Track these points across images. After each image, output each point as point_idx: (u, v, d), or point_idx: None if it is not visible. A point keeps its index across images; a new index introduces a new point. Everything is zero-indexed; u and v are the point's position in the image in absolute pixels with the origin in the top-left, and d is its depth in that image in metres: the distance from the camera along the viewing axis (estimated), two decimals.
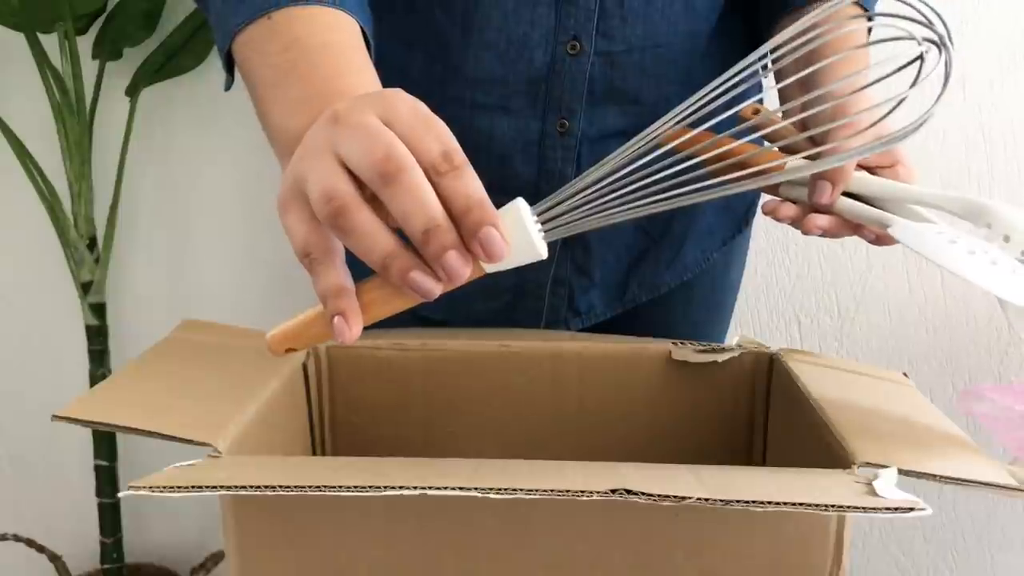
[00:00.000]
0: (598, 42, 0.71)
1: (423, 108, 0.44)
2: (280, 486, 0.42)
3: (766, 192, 0.72)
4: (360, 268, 0.45)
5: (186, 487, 0.43)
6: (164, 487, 0.43)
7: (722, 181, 0.46)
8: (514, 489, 0.42)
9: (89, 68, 1.16)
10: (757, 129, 0.68)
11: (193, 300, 1.32)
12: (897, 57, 0.47)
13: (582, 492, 0.42)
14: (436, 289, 0.43)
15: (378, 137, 0.42)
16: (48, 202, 1.16)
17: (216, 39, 0.60)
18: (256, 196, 1.28)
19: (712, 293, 0.92)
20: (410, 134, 0.42)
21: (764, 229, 1.27)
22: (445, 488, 0.42)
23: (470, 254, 0.42)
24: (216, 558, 1.32)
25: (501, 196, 0.47)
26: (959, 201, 0.59)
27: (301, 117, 0.48)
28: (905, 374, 0.70)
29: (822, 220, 0.63)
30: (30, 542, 1.27)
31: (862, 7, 0.72)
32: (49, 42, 1.14)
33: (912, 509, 0.41)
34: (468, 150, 0.44)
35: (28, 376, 1.35)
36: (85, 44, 1.16)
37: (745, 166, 0.63)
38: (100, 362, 1.23)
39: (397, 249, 0.42)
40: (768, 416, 0.71)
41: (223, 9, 0.58)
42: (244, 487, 0.43)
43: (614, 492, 0.42)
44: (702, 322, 0.92)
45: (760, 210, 0.94)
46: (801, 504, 0.41)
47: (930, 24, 0.45)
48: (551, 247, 0.83)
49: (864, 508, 0.41)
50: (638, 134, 0.76)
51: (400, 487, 0.42)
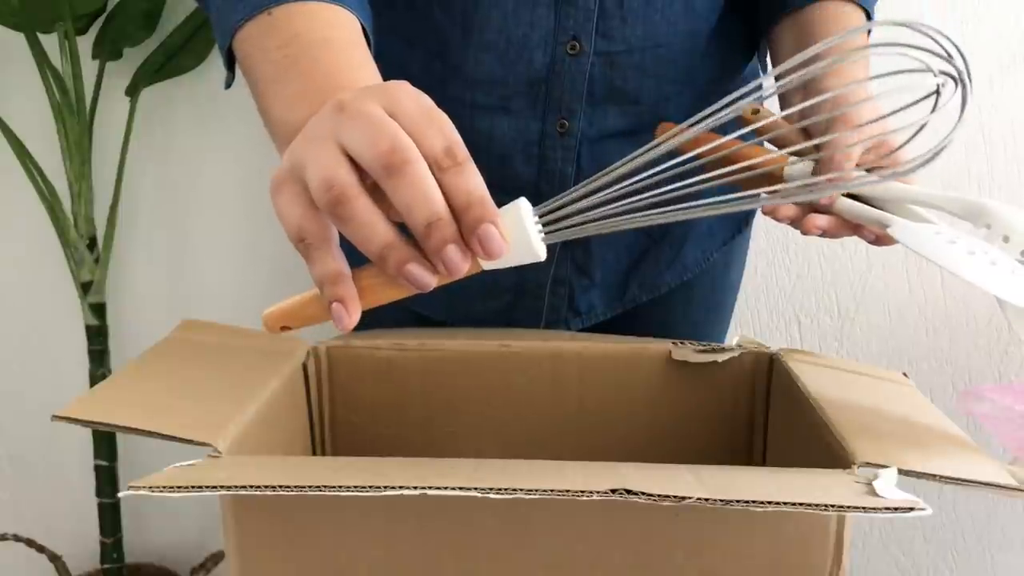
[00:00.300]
0: (598, 42, 0.71)
1: (427, 101, 0.44)
2: (280, 486, 0.42)
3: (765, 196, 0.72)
4: (352, 255, 0.45)
5: (186, 487, 0.43)
6: (164, 487, 0.43)
7: (726, 200, 0.46)
8: (514, 489, 0.42)
9: (89, 68, 1.16)
10: (757, 129, 0.68)
11: (193, 300, 1.32)
12: (912, 86, 0.46)
13: (582, 492, 0.42)
14: (432, 282, 0.43)
15: (383, 128, 0.42)
16: (48, 202, 1.16)
17: (216, 36, 0.60)
18: (256, 196, 1.28)
19: (712, 293, 0.92)
20: (414, 127, 0.42)
21: (764, 229, 1.27)
22: (445, 488, 0.42)
23: (469, 250, 0.42)
24: (216, 558, 1.32)
25: (501, 196, 0.47)
26: (958, 201, 0.59)
27: (302, 111, 0.48)
28: (905, 374, 0.70)
29: (821, 220, 0.63)
30: (30, 542, 1.27)
31: (861, 7, 0.72)
32: (49, 42, 1.14)
33: (912, 509, 0.41)
34: (468, 150, 0.44)
35: (28, 376, 1.35)
36: (85, 44, 1.16)
37: (746, 168, 0.64)
38: (100, 362, 1.23)
39: (395, 240, 0.42)
40: (768, 416, 0.71)
41: (223, 6, 0.58)
42: (244, 487, 0.43)
43: (614, 492, 0.42)
44: (702, 322, 0.92)
45: (760, 210, 0.94)
46: (801, 504, 0.41)
47: (949, 58, 0.45)
48: (551, 247, 0.83)
49: (864, 508, 0.41)
50: (637, 135, 0.76)
51: (400, 487, 0.42)
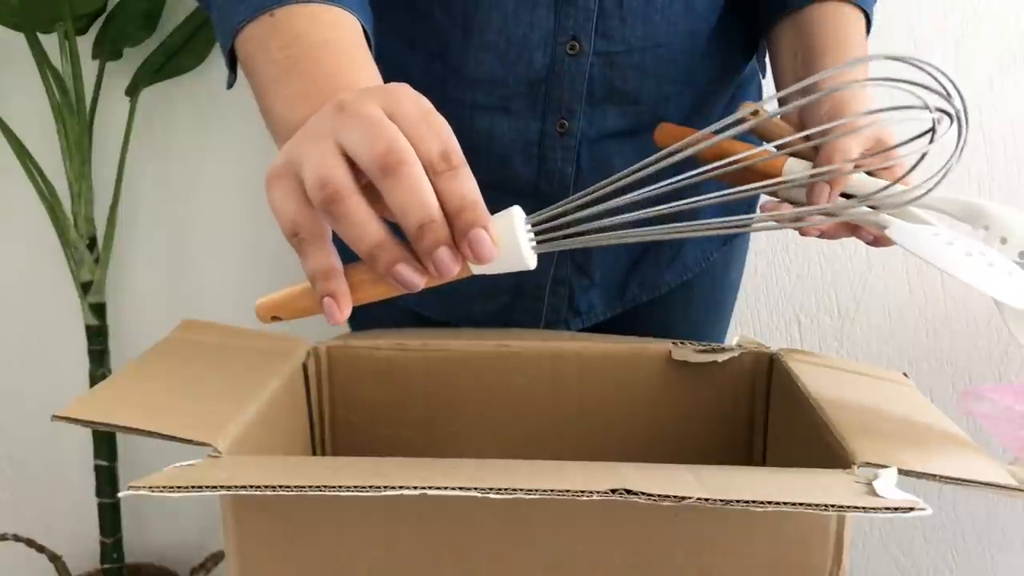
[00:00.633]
0: (597, 43, 0.71)
1: (426, 105, 0.45)
2: (280, 486, 0.42)
3: (764, 193, 0.72)
4: (344, 251, 0.45)
5: (186, 487, 0.43)
6: (164, 487, 0.43)
7: (717, 224, 0.47)
8: (514, 489, 0.42)
9: (89, 68, 1.16)
10: (756, 131, 0.68)
11: (193, 300, 1.32)
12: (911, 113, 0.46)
13: (582, 492, 0.42)
14: (420, 283, 0.44)
15: (381, 129, 0.42)
16: (48, 202, 1.16)
17: (218, 37, 0.60)
18: (257, 196, 1.28)
19: (712, 293, 0.92)
20: (412, 130, 0.43)
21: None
22: (445, 488, 0.42)
23: (459, 254, 0.43)
24: (216, 558, 1.32)
25: (501, 195, 0.47)
26: (956, 203, 0.59)
27: (303, 110, 0.49)
28: (905, 374, 0.70)
29: (820, 221, 0.63)
30: (30, 542, 1.27)
31: (860, 8, 0.72)
32: (49, 42, 1.14)
33: (912, 509, 0.41)
34: (468, 150, 0.44)
35: (28, 376, 1.35)
36: (85, 44, 1.16)
37: (744, 169, 0.64)
38: (100, 362, 1.23)
39: (386, 240, 0.43)
40: (768, 416, 0.71)
41: (225, 7, 0.58)
42: (244, 487, 0.43)
43: (614, 492, 0.42)
44: (702, 322, 0.92)
45: (759, 211, 0.93)
46: (801, 504, 0.41)
47: (948, 96, 0.45)
48: None
49: (864, 508, 0.41)
50: (637, 135, 0.76)
51: (400, 487, 0.42)
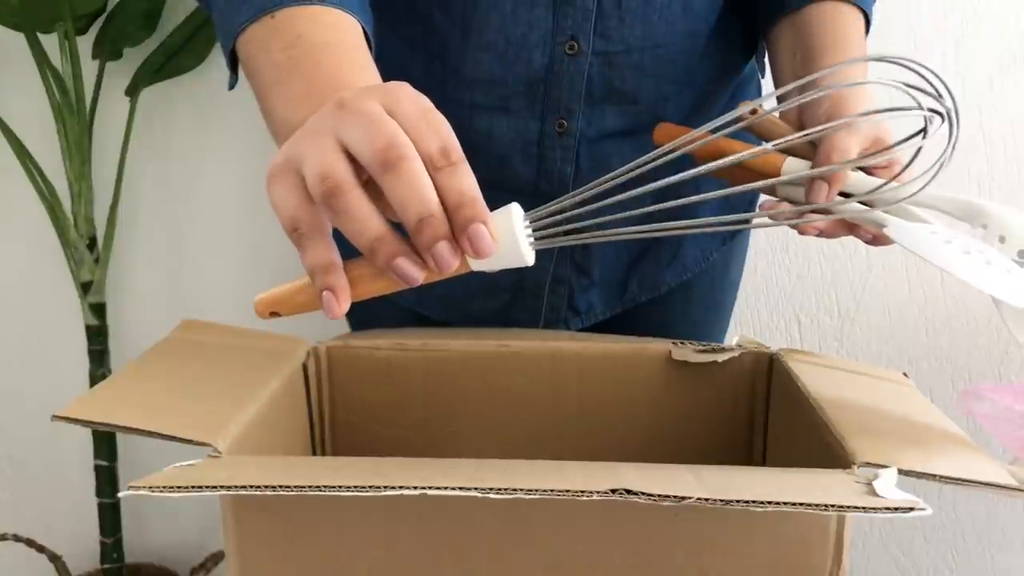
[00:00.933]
0: (596, 42, 0.71)
1: (426, 103, 0.45)
2: (280, 486, 0.42)
3: (763, 192, 0.72)
4: (344, 250, 0.46)
5: (186, 487, 0.43)
6: (164, 487, 0.43)
7: (714, 222, 0.47)
8: (514, 489, 0.42)
9: (89, 68, 1.16)
10: (754, 130, 0.68)
11: (193, 300, 1.32)
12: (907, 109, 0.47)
13: (582, 492, 0.42)
14: (419, 277, 0.44)
15: (382, 125, 0.43)
16: (48, 202, 1.16)
17: (219, 38, 0.60)
18: (257, 196, 1.28)
19: (711, 292, 0.92)
20: (412, 127, 0.43)
21: (764, 229, 1.27)
22: (445, 488, 0.42)
23: (458, 248, 0.43)
24: (216, 558, 1.32)
25: (501, 195, 0.47)
26: (954, 202, 0.59)
27: (304, 111, 0.49)
28: (905, 374, 0.70)
29: (819, 220, 0.63)
30: (30, 542, 1.27)
31: (859, 8, 0.72)
32: (49, 42, 1.14)
33: (912, 509, 0.41)
34: (467, 150, 0.44)
35: (28, 376, 1.35)
36: (85, 44, 1.16)
37: (742, 166, 0.64)
38: (100, 362, 1.23)
39: (386, 234, 0.43)
40: (768, 416, 0.71)
41: (226, 9, 0.58)
42: (244, 487, 0.43)
43: (614, 492, 0.42)
44: (701, 321, 0.92)
45: (758, 210, 0.93)
46: (801, 504, 0.41)
47: (939, 97, 0.46)
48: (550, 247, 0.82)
49: (864, 508, 0.41)
50: (636, 135, 0.76)
51: (400, 487, 0.42)
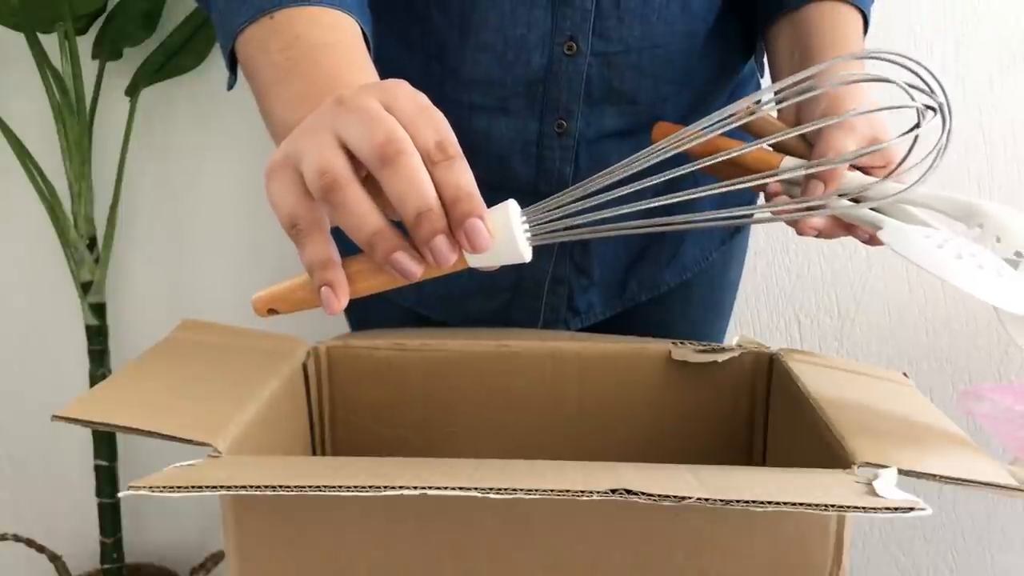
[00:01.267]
0: (594, 43, 0.71)
1: (423, 99, 0.45)
2: (280, 486, 0.42)
3: (759, 190, 0.72)
4: (344, 246, 0.46)
5: (186, 487, 0.43)
6: (164, 487, 0.43)
7: (712, 215, 0.47)
8: (514, 489, 0.42)
9: (89, 68, 1.16)
10: (751, 129, 0.68)
11: (193, 300, 1.32)
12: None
13: (582, 492, 0.42)
14: (418, 272, 0.44)
15: (380, 121, 0.43)
16: (48, 202, 1.16)
17: (219, 38, 0.60)
18: (257, 196, 1.28)
19: (711, 292, 0.92)
20: (409, 122, 0.43)
21: (764, 229, 1.27)
22: (445, 488, 0.42)
23: (456, 243, 0.43)
24: (216, 558, 1.32)
25: (500, 195, 0.47)
26: (950, 201, 0.59)
27: (303, 111, 0.49)
28: (905, 374, 0.70)
29: (817, 220, 0.63)
30: (30, 542, 1.27)
31: (857, 8, 0.72)
32: (49, 42, 1.14)
33: (912, 509, 0.41)
34: (467, 150, 0.44)
35: (28, 376, 1.35)
36: (85, 44, 1.16)
37: (739, 164, 0.63)
38: (100, 362, 1.23)
39: (385, 228, 0.43)
40: (768, 416, 0.71)
41: (225, 10, 0.58)
42: (244, 487, 0.43)
43: (614, 492, 0.42)
44: (700, 321, 0.92)
45: (758, 204, 0.93)
46: (801, 504, 0.41)
47: (931, 93, 0.46)
48: (550, 247, 0.82)
49: (864, 508, 0.41)
50: (635, 135, 0.76)
51: (400, 487, 0.42)
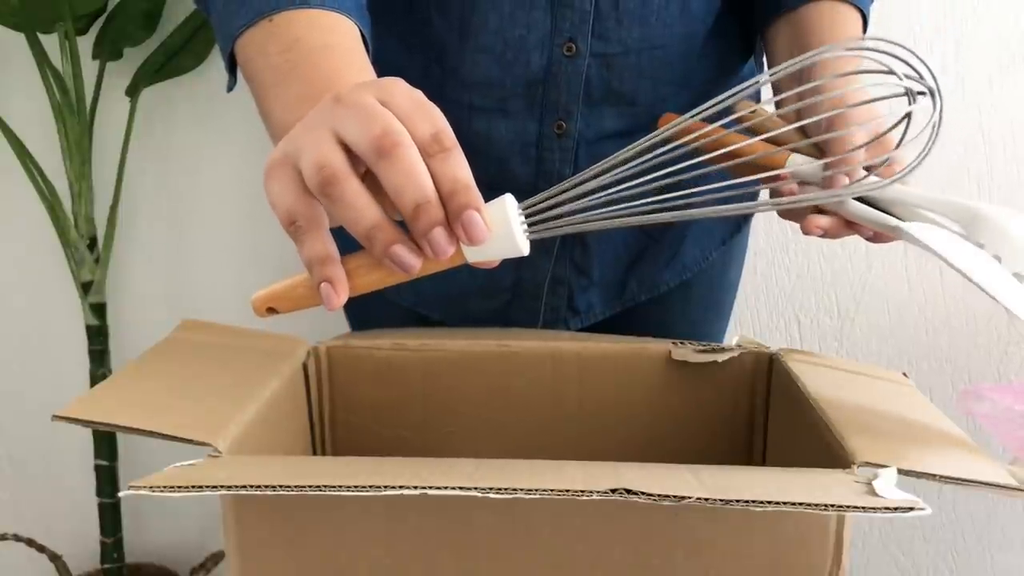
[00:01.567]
0: (594, 44, 0.71)
1: (419, 94, 0.45)
2: (280, 486, 0.42)
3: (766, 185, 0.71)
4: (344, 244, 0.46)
5: (186, 487, 0.43)
6: (164, 487, 0.43)
7: (712, 204, 0.48)
8: (514, 489, 0.42)
9: (89, 68, 1.16)
10: (753, 127, 0.68)
11: (193, 300, 1.32)
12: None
13: (582, 492, 0.42)
14: (416, 264, 0.44)
15: (376, 115, 0.43)
16: (48, 202, 1.16)
17: (218, 41, 0.60)
18: (256, 196, 1.27)
19: (711, 292, 0.92)
20: (405, 115, 0.44)
21: (764, 229, 1.27)
22: (445, 488, 0.42)
23: (454, 235, 0.43)
24: (216, 558, 1.32)
25: (499, 195, 0.47)
26: (951, 205, 0.58)
27: (302, 112, 0.49)
28: (905, 374, 0.70)
29: (823, 220, 0.63)
30: (30, 542, 1.27)
31: (856, 7, 0.72)
32: (49, 42, 1.14)
33: (912, 509, 0.41)
34: (466, 152, 0.44)
35: (28, 376, 1.35)
36: (85, 44, 1.16)
37: (746, 163, 0.63)
38: (100, 362, 1.23)
39: (383, 222, 0.43)
40: (768, 416, 0.71)
41: (224, 12, 0.58)
42: (244, 487, 0.43)
43: (614, 492, 0.42)
44: (700, 321, 0.92)
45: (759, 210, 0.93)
46: (801, 504, 0.41)
47: (920, 78, 0.47)
48: (550, 246, 0.83)
49: (864, 508, 0.41)
50: (634, 136, 0.76)
51: (400, 487, 0.42)
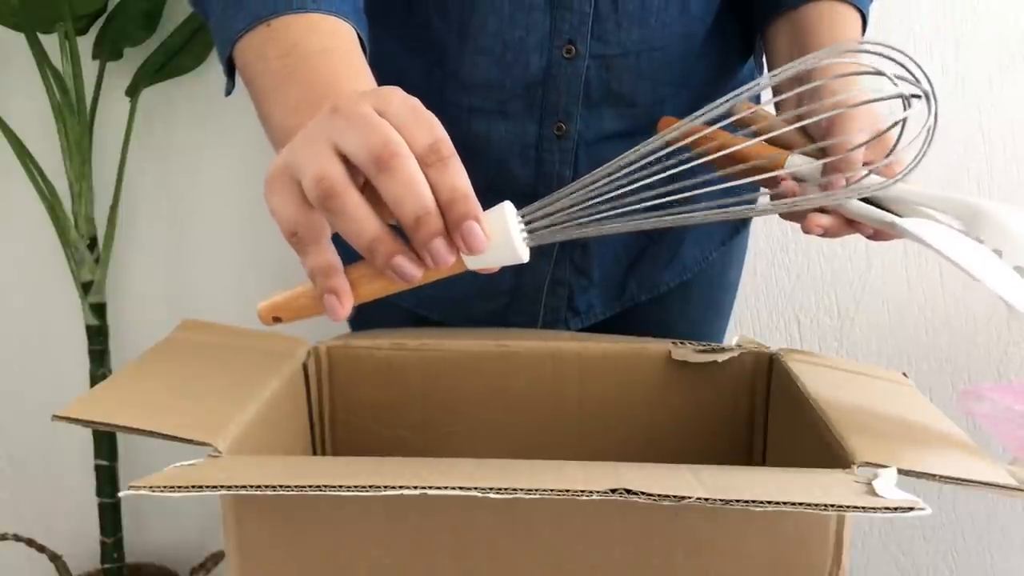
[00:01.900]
0: (593, 46, 0.71)
1: (415, 101, 0.45)
2: (280, 486, 0.42)
3: (765, 186, 0.71)
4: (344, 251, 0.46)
5: (186, 487, 0.43)
6: (164, 487, 0.43)
7: (726, 208, 0.48)
8: (514, 489, 0.42)
9: (89, 68, 1.16)
10: (752, 128, 0.68)
11: (193, 300, 1.32)
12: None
13: (582, 492, 0.42)
14: (417, 274, 0.44)
15: (375, 127, 0.43)
16: (48, 202, 1.16)
17: (216, 45, 0.61)
18: (256, 196, 1.27)
19: (710, 292, 0.92)
20: (402, 124, 0.44)
21: (764, 230, 1.27)
22: (445, 488, 0.42)
23: (454, 244, 0.44)
24: (216, 558, 1.32)
25: (499, 198, 0.47)
26: (951, 201, 0.58)
27: (302, 117, 0.49)
28: (905, 374, 0.70)
29: (824, 219, 0.63)
30: (30, 542, 1.27)
31: (855, 7, 0.72)
32: (49, 42, 1.14)
33: (912, 509, 0.41)
34: (466, 153, 0.44)
35: (28, 376, 1.35)
36: (85, 44, 1.16)
37: (744, 162, 0.63)
38: (100, 362, 1.23)
39: (384, 234, 0.43)
40: (768, 416, 0.71)
41: (222, 16, 0.58)
42: (244, 487, 0.43)
43: (614, 492, 0.42)
44: (700, 321, 0.92)
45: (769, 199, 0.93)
46: (801, 504, 0.41)
47: (916, 81, 0.48)
48: (549, 249, 0.83)
49: (864, 508, 0.41)
50: (634, 137, 0.76)
51: (400, 487, 0.42)
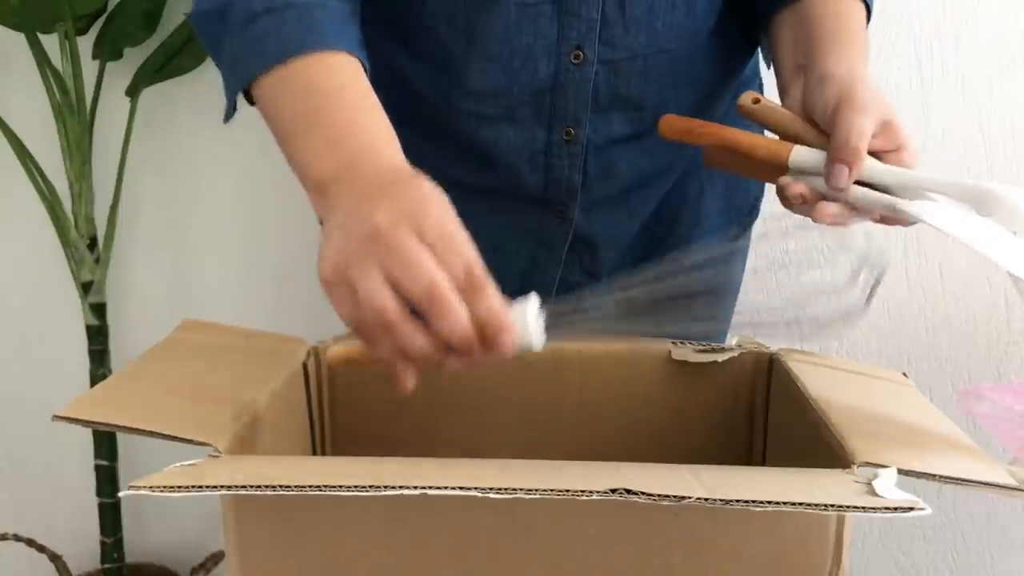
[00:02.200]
0: (601, 51, 0.71)
1: (446, 222, 0.51)
2: (280, 486, 0.42)
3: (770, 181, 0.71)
4: None
5: (186, 487, 0.43)
6: (164, 487, 0.43)
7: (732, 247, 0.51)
8: (514, 489, 0.42)
9: (89, 68, 1.16)
10: (757, 117, 0.67)
11: (193, 300, 1.32)
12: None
13: (582, 492, 0.42)
14: (457, 367, 0.52)
15: (420, 265, 0.49)
16: (48, 202, 1.16)
17: (225, 79, 0.63)
18: (256, 196, 1.28)
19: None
20: (439, 253, 0.50)
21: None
22: (445, 488, 0.42)
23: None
24: (216, 558, 1.32)
25: (508, 202, 0.47)
26: (959, 186, 0.58)
27: (328, 161, 0.56)
28: (905, 374, 0.70)
29: (832, 208, 0.61)
30: (30, 542, 1.27)
31: (862, 2, 0.72)
32: (49, 42, 1.14)
33: (912, 509, 0.41)
34: (475, 159, 0.44)
35: (28, 376, 1.35)
36: (85, 44, 1.16)
37: (750, 156, 0.63)
38: (100, 362, 1.23)
39: (430, 351, 0.51)
40: (768, 416, 0.71)
41: (240, 54, 0.61)
42: (244, 487, 0.43)
43: (614, 492, 0.42)
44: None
45: (760, 209, 0.93)
46: (800, 504, 0.41)
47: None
48: (560, 253, 0.83)
49: (864, 508, 0.42)
50: (641, 139, 0.77)
51: (400, 487, 0.42)
